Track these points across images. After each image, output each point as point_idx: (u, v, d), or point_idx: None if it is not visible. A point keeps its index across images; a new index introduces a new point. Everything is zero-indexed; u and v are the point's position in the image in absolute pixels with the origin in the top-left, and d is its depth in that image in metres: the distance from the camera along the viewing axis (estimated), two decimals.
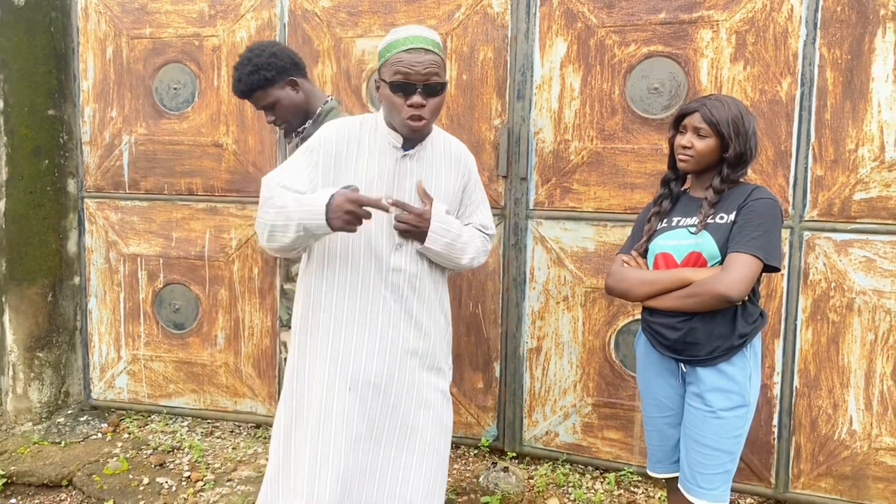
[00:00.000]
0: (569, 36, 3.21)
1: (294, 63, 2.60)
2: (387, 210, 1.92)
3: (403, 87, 1.97)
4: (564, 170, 3.27)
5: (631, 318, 3.23)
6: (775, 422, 3.04)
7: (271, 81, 2.48)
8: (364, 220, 1.89)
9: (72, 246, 3.99)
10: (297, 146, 2.57)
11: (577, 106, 3.23)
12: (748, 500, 3.15)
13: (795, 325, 2.98)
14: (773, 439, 3.05)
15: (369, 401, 2.07)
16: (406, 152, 2.10)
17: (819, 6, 2.85)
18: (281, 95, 2.51)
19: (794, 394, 3.01)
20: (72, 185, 3.97)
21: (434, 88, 2.00)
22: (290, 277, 2.62)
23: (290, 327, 2.39)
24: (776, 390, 3.03)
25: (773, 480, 3.07)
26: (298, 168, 2.05)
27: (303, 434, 2.06)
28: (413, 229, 2.05)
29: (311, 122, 2.60)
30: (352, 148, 2.07)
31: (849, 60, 2.84)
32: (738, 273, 1.95)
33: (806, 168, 2.92)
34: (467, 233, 2.19)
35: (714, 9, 2.98)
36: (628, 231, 3.15)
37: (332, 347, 2.06)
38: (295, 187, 2.00)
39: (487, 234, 2.32)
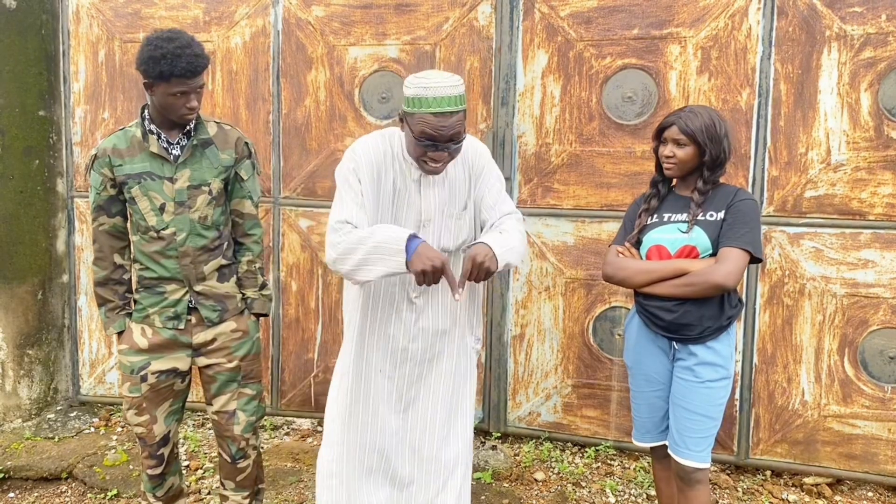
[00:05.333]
0: (550, 48, 3.50)
1: None
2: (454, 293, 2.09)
3: (427, 145, 2.07)
4: (546, 170, 3.56)
5: (607, 306, 3.54)
6: (737, 396, 3.40)
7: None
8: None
9: (61, 245, 4.06)
10: (193, 148, 2.45)
11: (557, 112, 3.52)
12: (712, 467, 3.50)
13: (754, 308, 3.35)
14: (735, 412, 3.41)
15: (398, 376, 2.40)
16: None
17: (773, 26, 3.23)
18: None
19: (754, 370, 3.38)
20: (61, 185, 4.03)
21: (458, 142, 2.10)
22: (201, 278, 2.52)
23: (221, 322, 2.56)
24: (738, 367, 3.39)
25: (735, 448, 3.44)
26: (356, 199, 2.16)
27: (361, 406, 2.38)
28: (486, 272, 2.09)
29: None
30: (384, 166, 2.23)
31: (799, 75, 3.22)
32: (732, 265, 2.25)
33: (763, 169, 3.29)
34: (508, 227, 2.29)
35: (682, 26, 3.33)
36: (605, 226, 3.49)
37: (380, 341, 2.37)
38: (360, 224, 2.13)
39: (513, 214, 2.39)
